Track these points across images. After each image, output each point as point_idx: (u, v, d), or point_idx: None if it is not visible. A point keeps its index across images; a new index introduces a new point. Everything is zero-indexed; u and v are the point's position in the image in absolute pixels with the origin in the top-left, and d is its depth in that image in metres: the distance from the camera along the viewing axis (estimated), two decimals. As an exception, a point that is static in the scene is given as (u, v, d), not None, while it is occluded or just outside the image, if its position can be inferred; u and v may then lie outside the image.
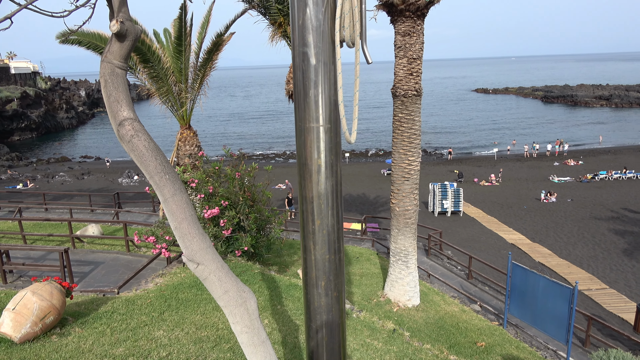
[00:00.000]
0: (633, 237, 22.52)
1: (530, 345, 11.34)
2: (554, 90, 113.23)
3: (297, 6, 1.91)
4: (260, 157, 56.50)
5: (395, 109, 11.73)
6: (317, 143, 2.03)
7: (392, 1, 10.76)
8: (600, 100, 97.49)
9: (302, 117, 2.02)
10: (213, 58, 15.27)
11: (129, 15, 2.57)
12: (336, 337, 2.27)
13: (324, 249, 2.14)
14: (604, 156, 49.79)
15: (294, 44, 1.97)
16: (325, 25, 1.91)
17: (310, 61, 1.94)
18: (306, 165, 2.07)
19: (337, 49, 1.93)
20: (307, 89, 1.97)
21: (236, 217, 11.04)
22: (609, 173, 38.38)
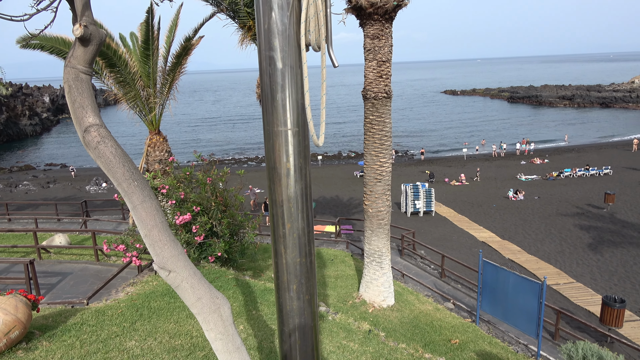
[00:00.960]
0: (597, 232, 23.33)
1: (502, 341, 11.58)
2: (520, 91, 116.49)
3: (263, 10, 1.91)
4: (232, 162, 56.02)
5: (366, 111, 11.83)
6: (285, 147, 2.03)
7: (361, 5, 10.86)
8: (563, 100, 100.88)
9: (270, 120, 2.02)
10: (182, 62, 15.07)
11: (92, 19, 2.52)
12: (309, 340, 2.27)
13: (294, 252, 2.14)
14: (568, 154, 51.48)
15: (260, 47, 1.97)
16: (290, 29, 1.92)
17: (277, 65, 1.94)
18: (275, 169, 2.07)
19: (303, 53, 1.94)
20: (275, 93, 1.97)
21: (209, 223, 10.91)
22: (573, 170, 39.69)
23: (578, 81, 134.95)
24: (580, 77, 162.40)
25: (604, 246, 21.25)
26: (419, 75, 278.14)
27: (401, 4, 11.02)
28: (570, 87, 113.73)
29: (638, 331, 13.57)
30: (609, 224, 24.41)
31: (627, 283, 17.34)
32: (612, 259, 19.76)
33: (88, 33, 2.45)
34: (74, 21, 2.43)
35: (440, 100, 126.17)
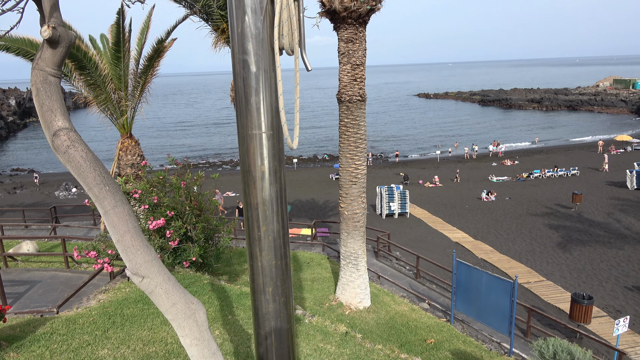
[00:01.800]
0: (566, 231, 24.01)
1: (476, 339, 11.79)
2: (490, 94, 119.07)
3: (236, 14, 1.91)
4: (207, 165, 55.41)
5: (341, 114, 11.90)
6: (260, 150, 2.04)
7: (335, 9, 10.93)
8: (532, 103, 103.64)
9: (245, 124, 2.02)
10: (154, 65, 14.85)
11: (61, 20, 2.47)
12: (285, 343, 2.27)
13: (270, 255, 2.14)
14: (537, 156, 52.85)
15: (233, 51, 1.97)
16: (264, 33, 1.93)
17: (251, 69, 1.95)
18: (250, 172, 2.07)
19: (277, 57, 1.95)
20: (249, 97, 1.98)
21: (183, 228, 10.77)
22: (542, 171, 40.77)
23: (546, 85, 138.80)
24: (548, 81, 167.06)
25: (573, 245, 21.89)
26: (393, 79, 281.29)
27: (374, 8, 11.14)
28: (538, 90, 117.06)
29: (605, 327, 14.00)
30: (577, 223, 25.16)
31: (595, 280, 17.90)
32: (580, 257, 20.36)
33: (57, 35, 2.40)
34: (42, 22, 2.38)
35: (414, 103, 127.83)
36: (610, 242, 21.99)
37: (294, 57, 1.98)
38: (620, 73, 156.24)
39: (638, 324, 14.37)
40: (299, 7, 1.94)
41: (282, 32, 1.94)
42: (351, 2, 10.77)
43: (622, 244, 21.61)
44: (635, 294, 16.51)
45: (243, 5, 1.89)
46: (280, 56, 2.02)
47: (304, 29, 1.98)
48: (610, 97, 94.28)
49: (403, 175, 41.59)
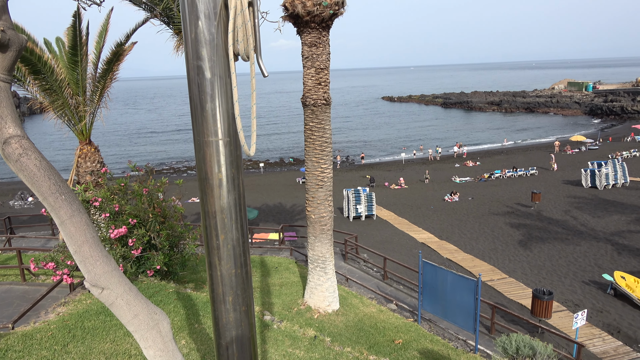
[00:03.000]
0: (526, 229, 24.81)
1: (442, 338, 12.00)
2: (452, 97, 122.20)
3: (189, 20, 1.88)
4: (170, 171, 54.34)
5: (306, 118, 11.91)
6: (217, 157, 2.01)
7: (298, 13, 10.95)
8: (492, 105, 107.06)
9: (200, 131, 1.99)
10: (113, 69, 14.46)
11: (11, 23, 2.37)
12: (247, 352, 2.24)
13: (229, 264, 2.11)
14: (498, 157, 54.47)
15: (187, 57, 1.94)
16: (219, 39, 1.90)
17: (205, 75, 1.92)
18: (207, 180, 2.03)
19: (232, 63, 1.93)
20: (204, 103, 1.95)
21: (146, 235, 10.50)
22: (503, 172, 42.03)
23: (505, 88, 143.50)
24: (507, 84, 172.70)
25: (533, 242, 22.63)
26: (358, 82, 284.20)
27: (337, 12, 11.22)
28: (497, 93, 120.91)
29: (565, 320, 14.53)
30: (536, 221, 26.04)
31: (554, 276, 18.55)
32: (540, 254, 21.07)
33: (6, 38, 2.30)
34: (-11, 26, 2.27)
35: (379, 106, 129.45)
36: (567, 238, 22.86)
37: (249, 63, 1.96)
38: (574, 76, 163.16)
39: (595, 316, 14.98)
40: (254, 12, 1.92)
41: (237, 38, 1.92)
42: (314, 7, 10.82)
43: (578, 240, 22.50)
44: (592, 288, 17.21)
45: (196, 10, 1.86)
46: (236, 62, 2.00)
47: (259, 34, 1.96)
48: (565, 99, 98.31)
49: (369, 178, 42.00)
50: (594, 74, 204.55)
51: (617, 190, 32.44)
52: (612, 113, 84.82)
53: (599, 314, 15.20)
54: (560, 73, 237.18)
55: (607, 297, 16.32)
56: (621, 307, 15.54)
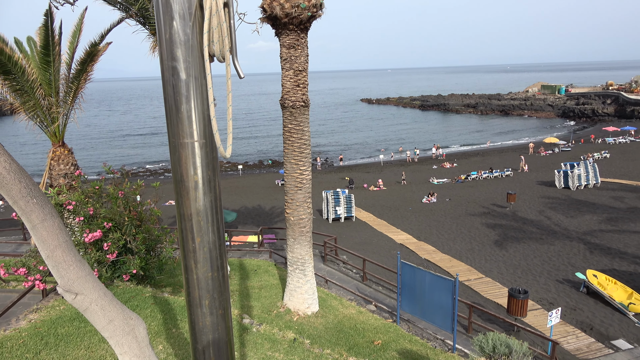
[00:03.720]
0: (502, 229, 25.25)
1: (421, 338, 12.11)
2: (429, 100, 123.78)
3: (163, 20, 1.85)
4: (147, 174, 53.53)
5: (285, 120, 11.88)
6: (192, 159, 1.98)
7: (276, 15, 10.92)
8: (468, 108, 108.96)
9: (175, 132, 1.96)
10: (87, 69, 14.15)
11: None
12: (224, 356, 2.21)
13: (205, 267, 2.08)
14: (474, 158, 55.34)
15: (161, 58, 1.91)
16: (194, 40, 1.88)
17: (181, 76, 1.89)
18: (182, 182, 2.00)
19: (207, 64, 1.91)
20: (179, 104, 1.92)
21: (122, 239, 10.31)
22: (479, 173, 42.72)
23: (480, 90, 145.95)
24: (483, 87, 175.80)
25: (508, 242, 23.05)
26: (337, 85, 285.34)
27: (315, 14, 11.24)
28: (473, 95, 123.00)
29: (540, 319, 14.82)
30: (512, 222, 26.54)
31: (529, 275, 18.93)
32: (515, 253, 21.47)
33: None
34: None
35: (357, 108, 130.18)
36: (542, 238, 23.35)
37: (225, 65, 1.94)
38: (547, 79, 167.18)
39: (569, 314, 15.34)
40: (229, 13, 1.90)
41: (213, 39, 1.90)
42: (292, 9, 10.81)
43: (552, 239, 23.01)
44: (566, 286, 17.62)
45: (171, 10, 1.83)
46: (212, 63, 1.97)
47: (235, 35, 1.94)
48: (538, 102, 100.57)
49: (348, 180, 42.15)
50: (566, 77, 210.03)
51: (588, 190, 33.32)
52: (584, 115, 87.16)
53: (572, 311, 15.56)
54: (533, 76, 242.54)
55: (580, 295, 16.72)
56: (593, 305, 15.94)
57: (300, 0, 10.83)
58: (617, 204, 28.82)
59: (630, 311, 14.99)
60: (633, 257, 19.88)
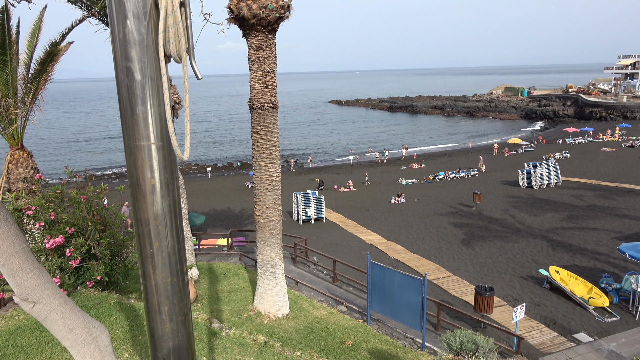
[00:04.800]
0: (468, 228, 25.81)
1: (391, 337, 12.23)
2: (398, 101, 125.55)
3: (117, 19, 1.80)
4: (112, 177, 52.17)
5: (253, 122, 11.80)
6: (149, 162, 1.93)
7: (243, 15, 10.84)
8: (435, 109, 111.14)
9: (131, 135, 1.90)
10: (48, 69, 13.69)
11: None
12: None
13: (164, 273, 2.04)
14: (442, 159, 56.41)
15: (115, 58, 1.85)
16: (149, 39, 1.83)
17: (135, 76, 1.84)
18: (139, 186, 1.95)
19: (163, 65, 1.87)
20: (134, 106, 1.87)
21: (85, 245, 9.99)
22: (446, 173, 43.57)
23: (447, 92, 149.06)
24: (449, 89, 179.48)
25: (475, 241, 23.58)
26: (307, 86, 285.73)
27: (283, 16, 11.22)
28: (440, 97, 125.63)
29: (505, 315, 15.21)
30: (478, 220, 27.16)
31: (495, 272, 19.40)
32: (481, 251, 21.98)
33: None
34: None
35: (327, 110, 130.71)
36: (507, 236, 23.99)
37: (182, 65, 1.90)
38: (510, 82, 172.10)
39: (533, 310, 15.80)
40: (185, 13, 1.87)
41: (169, 39, 1.86)
42: (260, 10, 10.76)
43: (517, 237, 23.68)
44: (530, 282, 18.14)
45: (124, 9, 1.79)
46: (169, 63, 1.93)
47: (192, 36, 1.91)
48: (502, 104, 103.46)
49: (318, 181, 42.24)
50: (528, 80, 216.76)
51: (550, 189, 34.46)
52: (546, 117, 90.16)
53: (536, 307, 16.04)
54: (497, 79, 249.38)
55: (543, 291, 17.25)
56: (556, 300, 16.48)
57: (267, 2, 10.79)
58: (577, 202, 29.92)
59: (590, 305, 15.56)
60: (592, 253, 20.67)
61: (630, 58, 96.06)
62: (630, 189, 32.62)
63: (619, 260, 19.36)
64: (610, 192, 31.90)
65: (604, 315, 15.12)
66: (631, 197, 30.02)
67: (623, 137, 59.06)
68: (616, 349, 12.11)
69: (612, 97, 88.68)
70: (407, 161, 55.47)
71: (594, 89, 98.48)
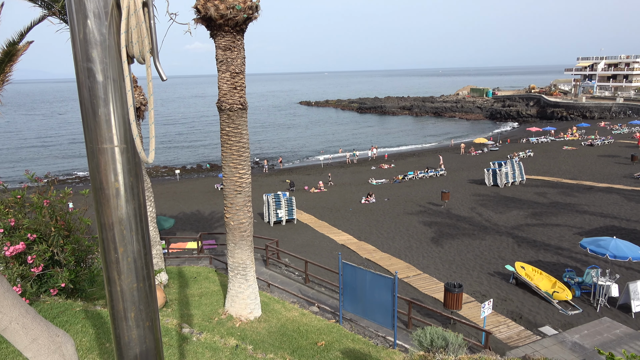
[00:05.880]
0: (437, 226, 26.27)
1: (363, 336, 12.32)
2: (367, 102, 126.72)
3: (77, 18, 1.75)
4: (76, 181, 50.64)
5: (222, 123, 11.68)
6: (112, 165, 1.88)
7: (211, 16, 10.72)
8: (403, 110, 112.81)
9: (93, 138, 1.85)
10: (5, 70, 13.17)
11: None
12: (153, 370, 2.12)
13: (130, 278, 1.99)
14: (411, 159, 57.23)
15: (76, 59, 1.80)
16: (111, 40, 1.79)
17: (97, 78, 1.80)
18: (102, 190, 1.90)
19: (125, 65, 1.83)
20: (96, 108, 1.82)
21: (48, 251, 9.66)
22: (415, 173, 44.22)
23: (415, 93, 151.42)
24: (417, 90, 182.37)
25: (444, 239, 24.01)
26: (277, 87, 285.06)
27: (251, 16, 11.15)
28: (409, 98, 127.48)
29: (474, 311, 15.55)
30: (446, 219, 27.68)
31: (463, 269, 19.81)
32: (450, 249, 22.40)
33: None
34: None
35: (297, 111, 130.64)
36: (474, 234, 24.54)
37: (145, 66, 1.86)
38: (476, 83, 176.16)
39: (500, 305, 16.21)
40: (149, 13, 1.83)
41: (132, 40, 1.82)
42: (227, 10, 10.66)
43: (484, 235, 24.25)
44: (497, 278, 18.61)
45: (84, 9, 1.74)
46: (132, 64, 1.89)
47: (156, 36, 1.87)
48: (468, 105, 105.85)
49: (289, 182, 42.15)
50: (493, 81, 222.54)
51: (515, 187, 35.45)
52: (510, 117, 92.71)
53: (503, 302, 16.46)
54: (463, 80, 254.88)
55: (509, 287, 17.73)
56: (522, 295, 16.96)
57: (235, 2, 10.71)
58: (540, 200, 30.88)
59: (554, 299, 16.09)
60: (555, 249, 21.38)
61: (589, 60, 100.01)
62: (590, 186, 33.91)
63: (580, 255, 20.09)
64: (571, 190, 33.07)
65: (568, 309, 15.66)
66: (591, 194, 31.21)
67: (583, 136, 61.34)
68: (579, 341, 12.56)
69: (572, 98, 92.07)
70: (377, 161, 56.03)
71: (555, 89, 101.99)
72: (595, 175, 37.33)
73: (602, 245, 16.23)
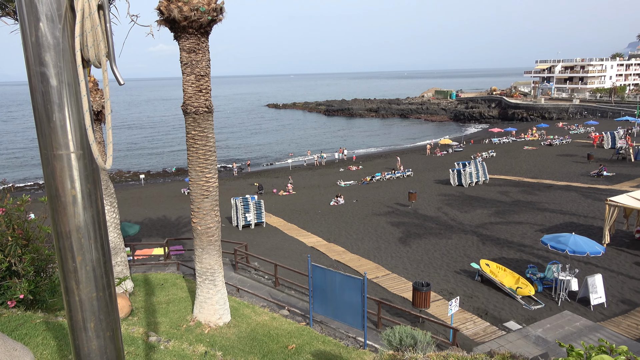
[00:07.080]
0: (405, 226, 26.63)
1: (334, 338, 12.35)
2: (334, 105, 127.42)
3: (28, 21, 1.70)
4: (34, 187, 48.77)
5: (188, 127, 11.50)
6: (69, 172, 1.83)
7: (174, 17, 10.54)
8: (370, 112, 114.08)
9: (48, 144, 1.80)
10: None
11: None
12: (116, 381, 2.07)
13: (89, 287, 1.94)
14: (378, 160, 57.86)
15: (28, 62, 1.74)
16: (65, 43, 1.74)
17: (51, 82, 1.74)
18: (58, 197, 1.84)
19: (80, 69, 1.78)
20: (50, 113, 1.77)
21: (5, 262, 9.26)
22: (383, 174, 44.73)
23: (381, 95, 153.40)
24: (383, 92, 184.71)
25: (411, 239, 24.37)
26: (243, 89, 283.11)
27: (216, 19, 11.04)
28: (375, 100, 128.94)
29: (442, 309, 15.83)
30: (414, 219, 28.11)
31: (431, 268, 20.16)
32: (418, 249, 22.75)
33: None
34: None
35: (264, 113, 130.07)
36: (440, 233, 25.01)
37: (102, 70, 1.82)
38: (440, 85, 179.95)
39: (466, 302, 16.57)
40: (104, 16, 1.79)
41: (87, 43, 1.77)
42: (191, 12, 10.52)
43: (450, 234, 24.75)
44: (463, 276, 19.02)
45: (36, 11, 1.68)
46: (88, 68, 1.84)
47: (112, 39, 1.83)
48: (433, 106, 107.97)
49: (257, 185, 41.87)
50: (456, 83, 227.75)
51: (479, 187, 36.36)
52: (473, 118, 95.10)
53: (469, 299, 16.84)
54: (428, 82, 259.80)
55: (475, 284, 18.15)
56: (487, 292, 17.40)
57: (199, 4, 10.58)
58: (503, 198, 31.78)
59: (518, 295, 16.58)
60: (518, 246, 22.04)
61: (547, 62, 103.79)
62: (549, 184, 35.14)
63: (542, 251, 20.78)
64: (532, 188, 34.18)
65: (531, 304, 16.17)
66: (550, 192, 32.35)
67: (542, 136, 63.52)
68: (542, 334, 12.97)
69: (532, 99, 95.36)
70: (345, 163, 56.38)
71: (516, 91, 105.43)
72: (554, 174, 38.71)
73: (561, 242, 16.84)
